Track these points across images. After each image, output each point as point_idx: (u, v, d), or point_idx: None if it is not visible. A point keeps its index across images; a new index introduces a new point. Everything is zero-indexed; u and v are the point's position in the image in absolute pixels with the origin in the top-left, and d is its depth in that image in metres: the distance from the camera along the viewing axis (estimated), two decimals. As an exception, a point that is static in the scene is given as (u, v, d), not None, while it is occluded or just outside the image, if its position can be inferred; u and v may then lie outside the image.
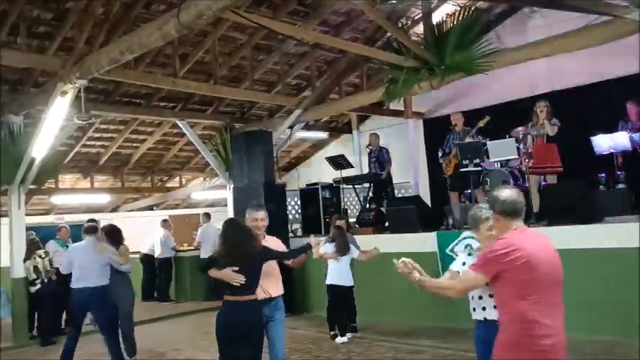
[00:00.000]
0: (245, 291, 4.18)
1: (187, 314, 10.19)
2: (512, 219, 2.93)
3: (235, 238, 4.26)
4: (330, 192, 10.23)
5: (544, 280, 2.76)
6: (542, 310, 2.72)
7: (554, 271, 2.85)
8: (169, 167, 14.29)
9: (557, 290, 2.84)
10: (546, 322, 2.71)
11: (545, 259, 2.81)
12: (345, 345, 6.83)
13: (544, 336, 2.69)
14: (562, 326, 2.79)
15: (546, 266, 2.79)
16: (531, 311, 2.70)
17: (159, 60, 9.30)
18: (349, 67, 10.59)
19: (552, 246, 2.94)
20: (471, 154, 7.94)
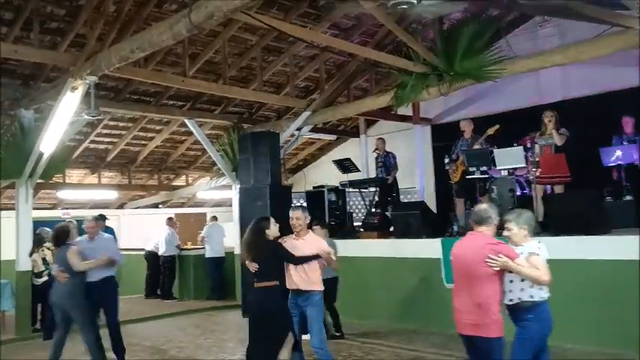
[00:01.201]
0: (261, 278, 4.90)
1: (190, 312, 10.22)
2: (477, 225, 3.89)
3: (248, 233, 5.11)
4: (336, 195, 10.21)
5: (458, 271, 3.88)
6: (457, 293, 3.88)
7: (464, 265, 3.80)
8: (176, 166, 14.32)
9: (467, 280, 3.76)
10: (456, 301, 3.86)
11: (461, 256, 3.86)
12: (346, 348, 6.82)
13: (455, 310, 3.86)
14: (467, 308, 3.72)
15: (460, 261, 3.85)
16: (454, 293, 3.91)
17: (169, 59, 9.34)
18: (358, 71, 10.60)
19: (479, 248, 3.72)
20: (477, 162, 7.92)
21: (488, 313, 3.64)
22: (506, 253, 3.66)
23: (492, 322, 3.65)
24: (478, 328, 3.67)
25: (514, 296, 3.76)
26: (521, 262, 3.67)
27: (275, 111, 12.38)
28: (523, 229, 3.84)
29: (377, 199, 10.31)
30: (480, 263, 3.67)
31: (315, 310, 5.06)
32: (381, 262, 8.27)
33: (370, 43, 10.09)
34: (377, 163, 10.35)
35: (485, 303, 3.65)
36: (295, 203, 9.52)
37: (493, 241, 3.76)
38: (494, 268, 3.64)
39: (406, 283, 7.82)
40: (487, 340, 3.64)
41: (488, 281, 3.68)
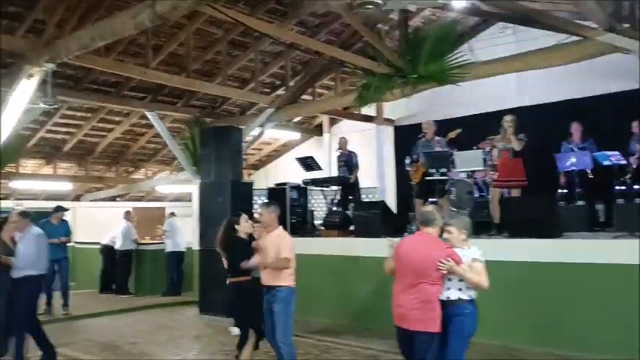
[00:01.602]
0: (232, 274, 5.38)
1: (146, 308, 10.05)
2: (423, 226, 4.14)
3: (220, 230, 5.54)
4: (297, 193, 10.20)
5: (406, 269, 4.04)
6: (403, 290, 4.03)
7: (413, 264, 3.99)
8: (135, 158, 14.05)
9: (415, 278, 3.95)
10: (400, 297, 4.03)
11: (407, 255, 4.06)
12: (302, 346, 6.82)
13: (397, 305, 4.05)
14: (412, 304, 3.93)
15: (407, 260, 4.04)
16: (395, 287, 4.12)
17: (131, 49, 9.15)
18: (324, 70, 10.61)
19: (430, 249, 3.99)
20: (438, 164, 8.04)
21: (434, 310, 3.93)
22: (454, 258, 3.94)
23: (437, 318, 3.93)
24: (423, 324, 3.91)
25: (451, 294, 4.02)
26: (465, 266, 3.96)
27: (239, 106, 12.29)
28: (462, 233, 4.13)
29: (338, 197, 10.34)
30: (433, 265, 3.91)
31: (280, 306, 5.05)
32: (340, 261, 8.30)
33: (336, 42, 10.11)
34: (339, 162, 10.38)
35: (432, 301, 3.93)
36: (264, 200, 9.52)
37: (445, 246, 4.05)
38: (444, 271, 3.91)
39: (364, 281, 7.87)
40: (430, 334, 3.90)
41: (436, 282, 3.96)
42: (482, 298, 6.34)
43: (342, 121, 13.77)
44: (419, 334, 3.90)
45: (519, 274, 6.47)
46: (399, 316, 4.03)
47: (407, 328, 3.97)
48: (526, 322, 6.41)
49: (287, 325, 5.08)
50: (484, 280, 4.01)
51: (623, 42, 5.94)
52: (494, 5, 6.96)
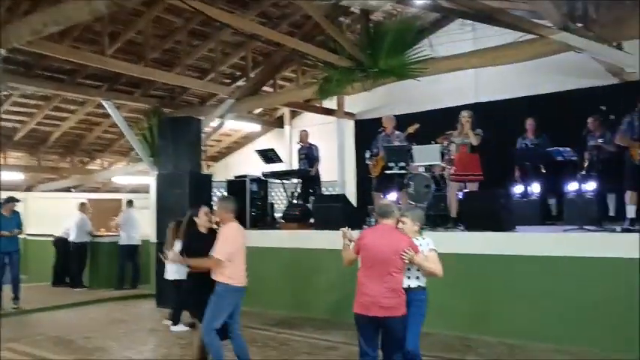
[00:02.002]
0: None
1: (101, 302, 9.84)
2: (382, 218, 4.40)
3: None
4: (258, 185, 10.14)
5: (373, 259, 4.21)
6: (371, 280, 4.17)
7: (380, 255, 4.18)
8: (91, 148, 13.72)
9: (383, 268, 4.15)
10: (368, 285, 4.17)
11: (375, 246, 4.23)
12: (261, 338, 6.81)
13: (365, 294, 4.18)
14: (382, 292, 4.11)
15: (374, 250, 4.22)
16: (362, 277, 4.24)
17: (87, 36, 8.90)
18: (285, 61, 10.56)
19: (394, 241, 4.22)
20: (396, 158, 8.12)
21: (401, 297, 4.21)
22: (413, 247, 4.22)
23: (402, 303, 4.21)
24: (393, 310, 4.15)
25: (411, 282, 4.34)
26: (421, 256, 4.27)
27: (198, 96, 12.12)
28: (416, 225, 4.43)
29: (299, 190, 10.34)
30: (398, 255, 4.16)
31: (213, 297, 4.99)
32: (300, 254, 8.31)
33: (298, 34, 10.07)
34: (300, 154, 10.37)
35: (398, 288, 4.20)
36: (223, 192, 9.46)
37: (406, 236, 4.31)
38: (406, 260, 4.16)
39: (323, 274, 7.90)
40: (400, 318, 4.19)
41: (402, 270, 4.23)
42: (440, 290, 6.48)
43: (303, 114, 13.76)
44: (393, 319, 4.15)
45: (474, 266, 6.62)
46: (366, 304, 4.17)
47: (376, 315, 4.14)
48: (480, 313, 6.56)
49: (212, 316, 4.95)
50: (439, 268, 4.32)
51: (577, 41, 6.12)
52: (453, 2, 7.05)
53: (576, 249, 6.09)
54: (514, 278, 6.39)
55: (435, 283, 6.61)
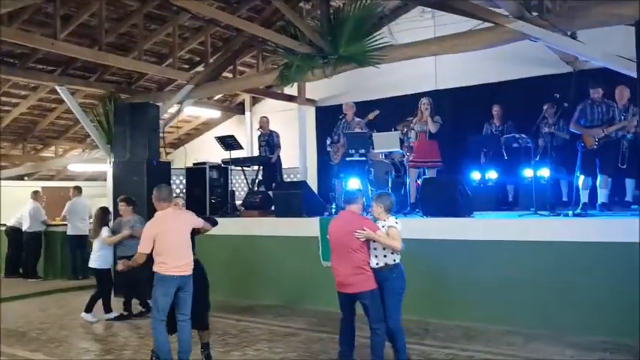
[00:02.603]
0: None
1: (56, 292, 9.61)
2: (347, 204, 4.88)
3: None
4: (217, 172, 10.03)
5: (336, 243, 4.77)
6: (338, 262, 4.73)
7: (339, 238, 4.73)
8: (45, 135, 13.29)
9: (343, 250, 4.66)
10: (337, 267, 4.73)
11: (336, 231, 4.79)
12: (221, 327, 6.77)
13: (336, 275, 4.74)
14: (347, 271, 4.63)
15: (335, 234, 4.79)
16: (332, 260, 4.81)
17: (38, 18, 8.56)
18: (245, 47, 10.41)
19: (349, 223, 4.70)
20: (357, 144, 8.15)
21: (366, 273, 4.63)
22: (369, 227, 4.64)
23: (369, 278, 4.63)
24: (361, 285, 4.61)
25: (379, 260, 4.72)
26: (382, 234, 4.65)
27: (156, 82, 11.85)
28: (379, 207, 4.81)
29: (260, 177, 10.28)
30: (352, 236, 4.60)
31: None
32: (260, 241, 8.29)
33: (257, 19, 9.95)
34: (260, 141, 10.29)
35: (361, 266, 4.62)
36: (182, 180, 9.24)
37: (360, 218, 4.79)
38: (361, 239, 4.60)
39: (284, 261, 7.90)
40: (370, 292, 4.61)
41: (360, 249, 4.64)
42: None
43: (264, 100, 13.66)
44: (362, 294, 4.61)
45: (432, 251, 6.72)
46: (338, 283, 4.74)
47: (347, 292, 4.67)
48: (438, 298, 6.69)
49: (153, 307, 5.01)
50: (397, 243, 4.66)
51: (532, 30, 6.22)
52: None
53: (529, 234, 6.26)
54: (470, 263, 6.52)
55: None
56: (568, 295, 5.89)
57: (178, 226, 5.03)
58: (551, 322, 5.96)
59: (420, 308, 6.73)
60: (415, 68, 9.89)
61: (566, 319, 5.88)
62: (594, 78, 7.68)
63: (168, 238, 4.95)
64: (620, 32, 6.07)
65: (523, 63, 9.68)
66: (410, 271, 6.75)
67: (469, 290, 6.50)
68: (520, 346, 5.60)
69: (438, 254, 6.68)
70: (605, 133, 7.15)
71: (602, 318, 5.69)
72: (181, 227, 5.05)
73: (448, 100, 10.32)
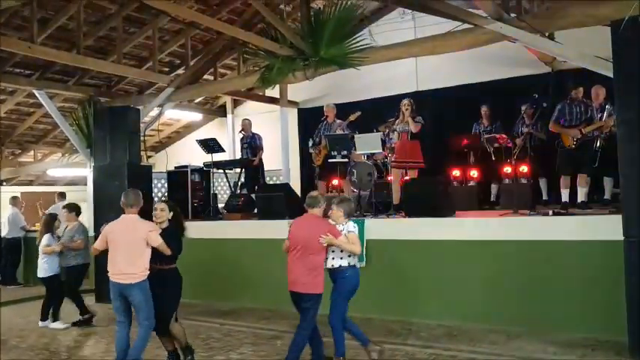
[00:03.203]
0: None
1: (36, 299, 9.39)
2: (309, 208, 4.99)
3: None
4: (199, 175, 9.99)
5: (295, 244, 4.84)
6: (294, 261, 4.83)
7: (302, 240, 4.79)
8: (23, 140, 13.09)
9: (303, 251, 4.76)
10: (292, 266, 4.82)
11: (299, 233, 4.86)
12: (204, 330, 6.73)
13: (290, 273, 4.84)
14: (302, 272, 4.74)
15: (296, 236, 4.86)
16: (289, 259, 4.88)
17: (14, 22, 8.43)
18: (225, 49, 10.35)
19: (313, 227, 4.81)
20: (339, 146, 8.16)
21: (318, 277, 4.78)
22: (333, 232, 4.80)
23: (320, 282, 4.78)
24: (309, 287, 4.75)
25: (335, 262, 4.92)
26: (342, 238, 4.83)
27: (136, 85, 11.75)
28: (339, 211, 4.99)
29: (242, 180, 10.24)
30: (316, 239, 4.74)
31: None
32: (243, 244, 8.26)
33: (238, 21, 9.91)
34: (242, 144, 10.26)
35: (317, 268, 4.79)
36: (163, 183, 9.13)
37: (325, 223, 4.93)
38: (324, 243, 4.74)
39: (267, 263, 7.86)
40: (315, 295, 4.77)
41: (319, 252, 4.81)
42: (381, 276, 6.59)
43: (246, 103, 13.63)
44: (307, 295, 4.75)
45: (415, 252, 6.76)
46: (291, 282, 4.85)
47: (297, 291, 4.80)
48: (420, 297, 6.72)
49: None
50: (357, 247, 4.92)
51: (510, 31, 6.27)
52: (392, -10, 7.10)
53: (511, 233, 6.31)
54: (452, 263, 6.56)
55: (377, 269, 6.78)
56: (550, 293, 5.95)
57: (127, 236, 4.94)
58: (534, 320, 6.02)
59: (403, 308, 6.78)
60: (396, 69, 9.95)
61: (549, 317, 5.94)
62: (572, 78, 7.78)
63: (114, 245, 4.95)
64: (598, 33, 6.15)
65: (503, 64, 9.78)
66: (393, 271, 6.84)
67: (451, 290, 6.54)
68: (502, 345, 5.65)
69: (421, 254, 6.72)
70: (583, 133, 7.24)
71: (584, 315, 5.76)
72: (130, 238, 4.93)
73: (429, 101, 10.39)
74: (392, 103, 8.79)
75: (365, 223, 7.03)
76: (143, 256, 4.94)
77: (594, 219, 6.15)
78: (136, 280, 4.89)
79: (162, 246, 4.92)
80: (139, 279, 4.90)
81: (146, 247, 4.93)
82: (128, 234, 4.94)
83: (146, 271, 4.94)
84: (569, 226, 6.06)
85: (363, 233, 6.99)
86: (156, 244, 4.91)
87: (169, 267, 5.11)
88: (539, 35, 6.27)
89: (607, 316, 5.52)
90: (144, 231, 4.93)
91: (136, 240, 4.91)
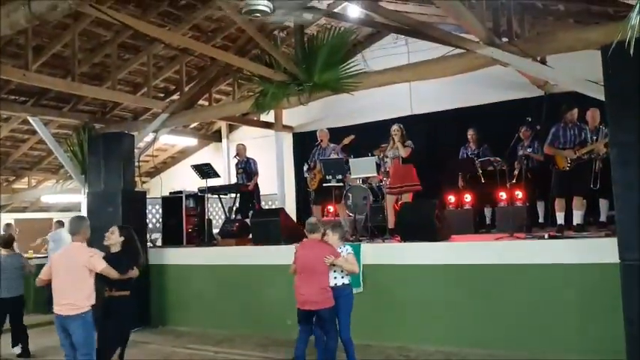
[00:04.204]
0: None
1: (31, 327, 9.26)
2: (310, 234, 5.54)
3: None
4: (194, 201, 9.94)
5: (303, 267, 5.40)
6: (304, 282, 5.36)
7: (308, 262, 5.36)
8: (17, 166, 13.05)
9: (311, 272, 5.33)
10: (302, 287, 5.36)
11: (304, 256, 5.43)
12: (199, 359, 6.65)
13: (300, 294, 5.36)
14: (312, 291, 5.26)
15: (303, 259, 5.42)
16: (297, 281, 5.44)
17: (9, 49, 8.45)
18: (220, 75, 10.40)
19: (316, 250, 5.38)
20: (334, 170, 8.15)
21: (327, 293, 5.32)
22: (334, 254, 5.33)
23: (331, 297, 5.33)
24: (323, 304, 5.28)
25: (337, 281, 5.45)
26: (342, 259, 5.36)
27: (131, 111, 11.77)
28: (335, 236, 5.52)
29: (237, 205, 10.20)
30: (321, 260, 5.29)
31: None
32: (238, 270, 8.18)
33: (232, 47, 9.99)
34: (237, 169, 10.25)
35: (325, 286, 5.33)
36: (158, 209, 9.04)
37: (327, 245, 5.42)
38: (328, 263, 5.27)
39: (262, 290, 7.80)
40: (329, 309, 5.30)
41: (325, 272, 5.35)
42: (378, 301, 6.53)
43: (241, 128, 13.67)
44: (323, 311, 5.27)
45: (411, 276, 6.71)
46: (302, 301, 5.35)
47: (310, 309, 5.30)
48: (418, 322, 6.65)
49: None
50: (355, 267, 5.54)
51: (502, 55, 6.33)
52: (384, 17, 7.17)
53: (507, 257, 6.28)
54: (448, 287, 6.51)
55: (374, 294, 6.72)
56: (548, 316, 5.91)
57: (68, 265, 4.77)
58: (532, 344, 5.95)
59: (401, 334, 6.70)
60: (391, 94, 9.98)
61: (547, 340, 5.88)
62: (565, 101, 7.83)
63: (55, 275, 4.79)
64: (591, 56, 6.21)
65: (496, 87, 9.86)
66: (390, 296, 6.78)
67: (448, 314, 6.48)
68: (500, 371, 5.58)
69: (417, 279, 6.67)
70: (577, 155, 7.26)
71: (582, 338, 5.71)
72: (71, 265, 4.76)
73: (424, 125, 10.45)
74: (386, 127, 8.80)
75: (361, 248, 6.99)
76: (84, 286, 4.73)
77: (589, 242, 6.12)
78: (76, 311, 4.65)
79: (106, 269, 4.75)
80: (78, 310, 4.66)
81: (89, 275, 4.73)
82: (69, 262, 4.76)
83: (87, 302, 4.72)
84: (565, 249, 6.04)
85: (360, 258, 6.96)
86: (98, 268, 4.73)
87: (120, 294, 4.99)
88: (530, 60, 6.33)
89: (604, 339, 5.47)
90: (84, 258, 4.73)
91: (77, 268, 4.71)
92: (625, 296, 5.01)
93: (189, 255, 8.85)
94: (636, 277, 4.92)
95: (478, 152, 9.19)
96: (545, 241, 6.36)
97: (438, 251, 6.72)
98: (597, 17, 7.55)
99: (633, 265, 4.95)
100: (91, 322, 4.71)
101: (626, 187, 5.04)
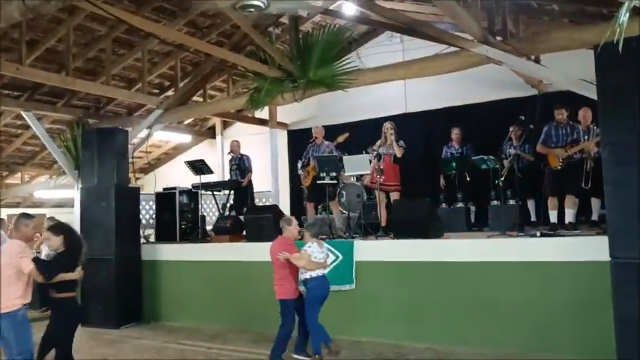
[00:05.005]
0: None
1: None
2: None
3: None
4: (188, 197, 9.93)
5: (272, 261, 5.92)
6: (275, 275, 5.91)
7: (271, 257, 5.91)
8: (10, 161, 13.00)
9: (274, 266, 5.90)
10: (276, 280, 5.89)
11: (270, 252, 5.92)
12: (191, 354, 6.63)
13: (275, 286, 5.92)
14: (275, 281, 5.89)
15: (271, 254, 5.93)
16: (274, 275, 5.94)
17: (3, 43, 8.41)
18: (215, 71, 10.40)
19: (276, 247, 5.90)
20: (328, 167, 8.15)
21: (289, 284, 5.88)
22: (288, 250, 5.85)
23: (287, 290, 5.86)
24: (280, 294, 5.87)
25: (301, 276, 5.93)
26: (297, 255, 5.84)
27: (126, 107, 11.75)
28: (307, 233, 6.03)
29: (231, 202, 10.20)
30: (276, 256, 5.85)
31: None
32: (231, 266, 8.18)
33: (227, 44, 9.98)
34: (231, 165, 10.24)
35: (286, 278, 5.86)
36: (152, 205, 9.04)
37: (285, 242, 5.97)
38: (281, 259, 5.79)
39: (255, 286, 7.79)
40: (291, 300, 5.87)
41: (282, 267, 5.85)
42: (371, 297, 6.54)
43: (235, 124, 13.65)
44: (282, 301, 5.86)
45: (403, 273, 6.73)
46: (276, 292, 5.92)
47: (278, 298, 5.88)
48: (410, 320, 6.67)
49: None
50: (300, 262, 5.82)
51: (496, 54, 6.36)
52: (380, 14, 7.18)
53: (498, 254, 6.30)
54: (441, 285, 6.53)
55: (366, 291, 6.74)
56: (537, 315, 5.93)
57: (4, 261, 4.61)
58: (523, 342, 5.98)
59: (393, 331, 6.72)
60: (385, 91, 10.04)
61: (538, 338, 5.91)
62: (558, 100, 7.87)
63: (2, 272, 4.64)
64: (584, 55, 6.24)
65: (490, 86, 9.90)
66: (382, 292, 6.80)
67: (440, 312, 6.50)
68: (491, 368, 5.60)
69: (408, 276, 6.69)
70: (568, 154, 7.30)
71: (572, 336, 5.74)
72: (5, 263, 4.61)
73: (418, 123, 10.48)
74: (380, 125, 8.84)
75: (354, 245, 7.01)
76: (15, 284, 4.59)
77: (581, 240, 6.15)
78: (5, 310, 4.52)
79: (32, 272, 4.62)
80: (7, 309, 4.53)
81: (21, 274, 4.62)
82: (4, 259, 4.64)
83: (19, 300, 4.61)
84: (556, 247, 6.06)
85: (352, 255, 6.98)
86: (26, 270, 4.61)
87: (62, 296, 4.93)
88: (524, 58, 6.35)
89: (595, 337, 5.49)
90: (15, 257, 4.63)
91: (7, 266, 4.60)
92: (615, 294, 5.04)
93: (183, 251, 8.84)
94: (626, 275, 4.95)
95: (462, 151, 9.24)
96: (537, 239, 6.39)
97: (430, 249, 6.73)
98: (591, 18, 7.59)
99: (623, 262, 4.99)
100: (23, 322, 4.60)
101: (617, 186, 5.07)
